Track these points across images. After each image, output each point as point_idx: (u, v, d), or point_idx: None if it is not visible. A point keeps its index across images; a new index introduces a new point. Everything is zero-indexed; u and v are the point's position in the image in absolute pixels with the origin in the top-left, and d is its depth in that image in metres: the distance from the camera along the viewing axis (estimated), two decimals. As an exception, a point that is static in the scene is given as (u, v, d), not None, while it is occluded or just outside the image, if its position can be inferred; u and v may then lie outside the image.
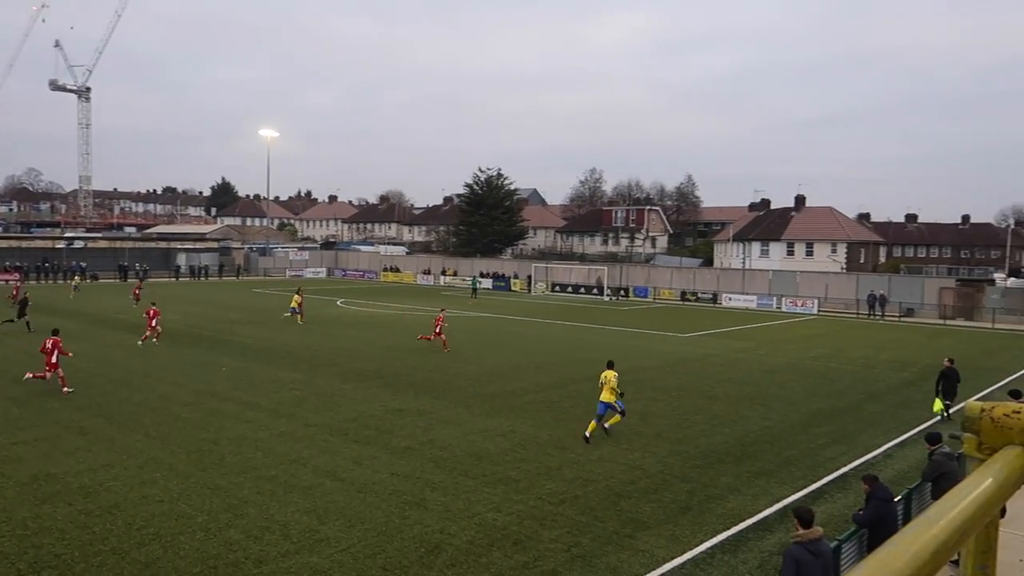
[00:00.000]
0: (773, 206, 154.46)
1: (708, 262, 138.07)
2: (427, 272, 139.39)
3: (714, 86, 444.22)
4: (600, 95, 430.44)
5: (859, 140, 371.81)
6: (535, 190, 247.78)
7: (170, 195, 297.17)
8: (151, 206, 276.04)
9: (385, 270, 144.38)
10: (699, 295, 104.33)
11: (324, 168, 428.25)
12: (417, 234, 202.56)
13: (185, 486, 22.52)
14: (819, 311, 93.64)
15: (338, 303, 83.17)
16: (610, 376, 29.27)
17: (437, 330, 51.19)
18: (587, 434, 28.15)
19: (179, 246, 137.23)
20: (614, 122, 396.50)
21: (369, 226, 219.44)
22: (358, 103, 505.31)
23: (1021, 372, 48.39)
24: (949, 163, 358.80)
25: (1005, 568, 18.33)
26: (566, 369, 44.06)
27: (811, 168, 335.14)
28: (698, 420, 32.88)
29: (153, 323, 50.79)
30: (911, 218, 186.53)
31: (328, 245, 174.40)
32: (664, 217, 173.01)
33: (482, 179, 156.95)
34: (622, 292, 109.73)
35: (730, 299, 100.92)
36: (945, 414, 34.20)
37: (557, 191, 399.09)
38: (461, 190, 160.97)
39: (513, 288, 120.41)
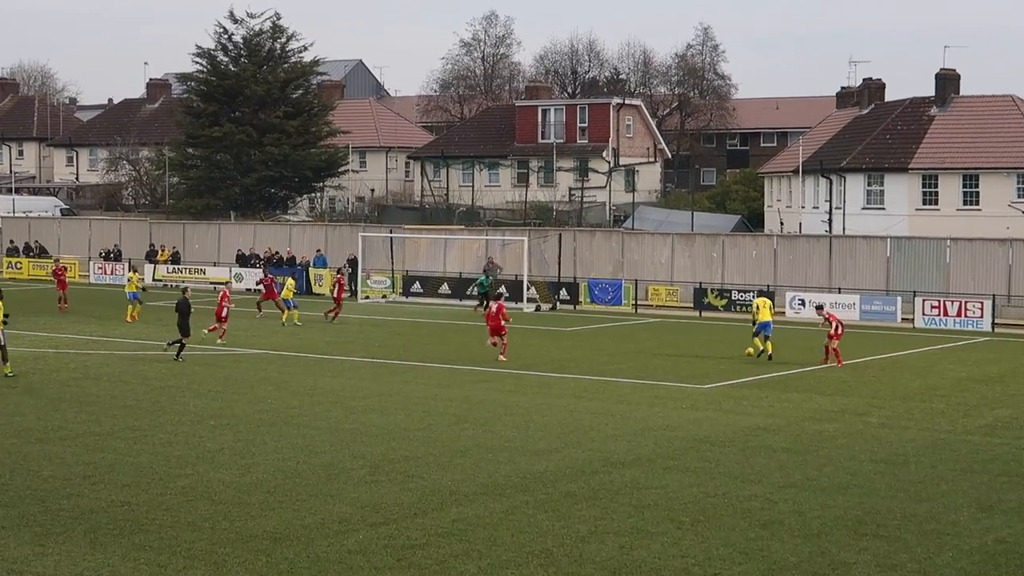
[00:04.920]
0: (890, 97, 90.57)
1: (750, 223, 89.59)
2: (111, 256, 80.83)
3: None
4: None
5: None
6: (361, 64, 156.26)
7: None
8: None
9: (11, 253, 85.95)
10: (733, 295, 63.35)
11: None
12: (87, 168, 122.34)
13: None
14: (994, 326, 56.99)
15: None
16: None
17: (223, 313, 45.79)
18: None
19: None
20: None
21: None
22: None
23: None
24: None
25: None
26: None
27: (970, 17, 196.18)
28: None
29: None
30: None
31: None
32: (653, 124, 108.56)
33: (237, 37, 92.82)
34: (563, 293, 66.62)
35: (800, 302, 60.80)
36: None
37: (411, 71, 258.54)
38: (187, 66, 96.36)
39: (318, 289, 70.69)
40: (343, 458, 25.40)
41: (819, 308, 45.80)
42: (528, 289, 65.04)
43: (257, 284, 63.93)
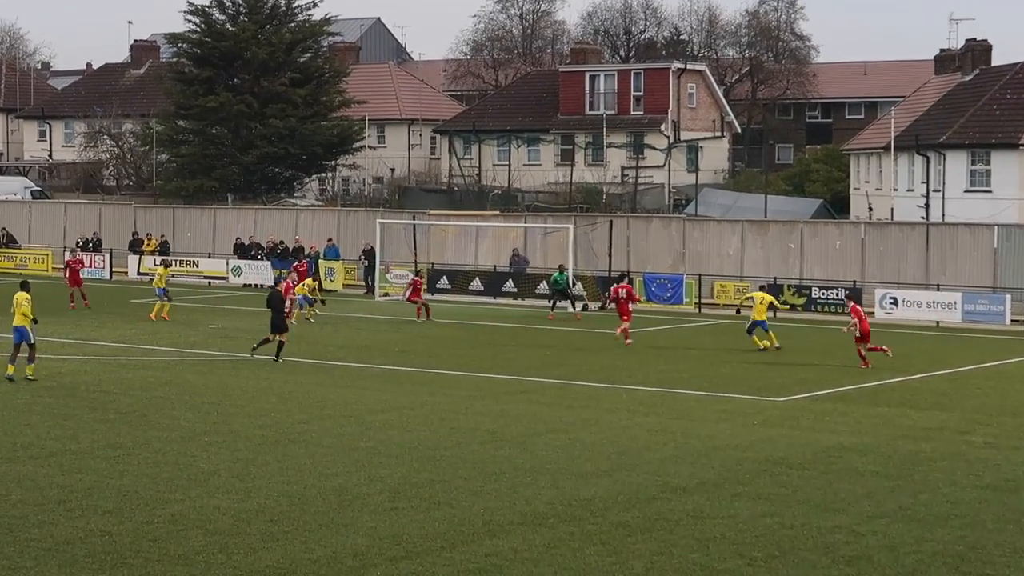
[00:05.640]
0: (997, 60, 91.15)
1: (832, 208, 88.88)
2: (90, 245, 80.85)
3: None
4: None
5: None
6: (379, 23, 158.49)
7: None
8: None
9: None
10: (813, 292, 63.25)
11: None
12: (62, 143, 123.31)
13: None
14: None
15: None
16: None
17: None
18: None
19: None
20: None
21: None
22: None
23: None
24: None
25: None
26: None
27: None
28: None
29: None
30: None
31: None
32: (719, 93, 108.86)
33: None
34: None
35: (891, 300, 61.50)
36: None
37: (438, 31, 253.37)
38: (177, 26, 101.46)
39: (328, 285, 69.97)
40: (358, 482, 25.48)
41: (848, 296, 47.39)
42: (574, 285, 64.79)
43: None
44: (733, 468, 27.34)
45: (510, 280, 67.95)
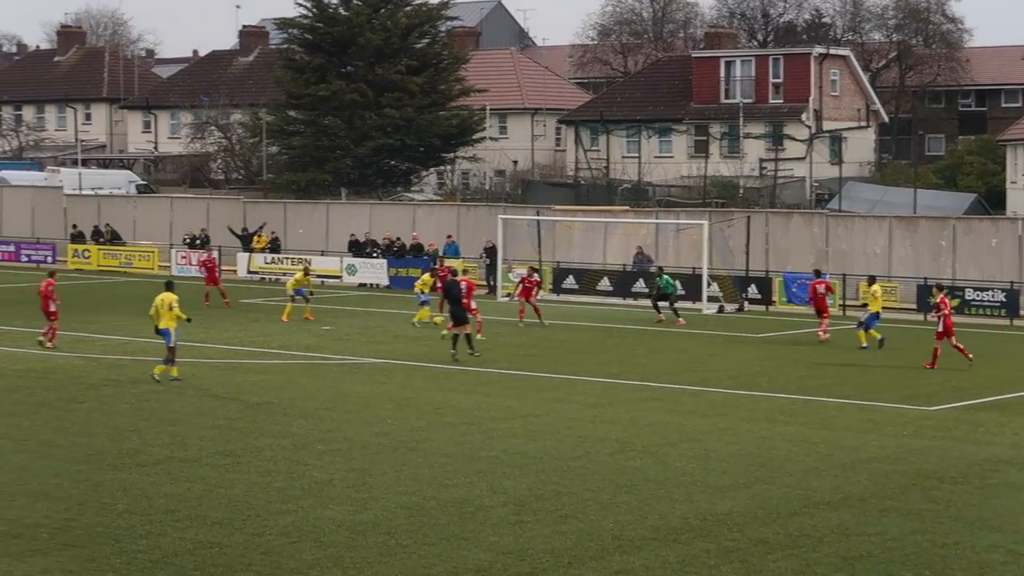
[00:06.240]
0: None
1: (987, 203, 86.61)
2: (197, 242, 79.61)
3: None
4: None
5: None
6: (500, 6, 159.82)
7: None
8: None
9: (76, 238, 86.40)
10: (967, 293, 61.53)
11: None
12: (168, 135, 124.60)
13: None
14: None
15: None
16: None
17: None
18: None
19: None
20: None
21: (32, 111, 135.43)
22: None
23: None
24: None
25: None
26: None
27: None
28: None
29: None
30: None
31: None
32: (865, 80, 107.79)
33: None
34: (752, 290, 66.91)
35: None
36: None
37: (563, 15, 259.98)
38: (288, 10, 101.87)
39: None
40: (480, 493, 25.63)
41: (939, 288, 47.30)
42: (708, 286, 64.63)
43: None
44: (880, 482, 27.17)
45: (640, 280, 67.66)
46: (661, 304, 58.26)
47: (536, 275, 59.41)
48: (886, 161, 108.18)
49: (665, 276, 59.91)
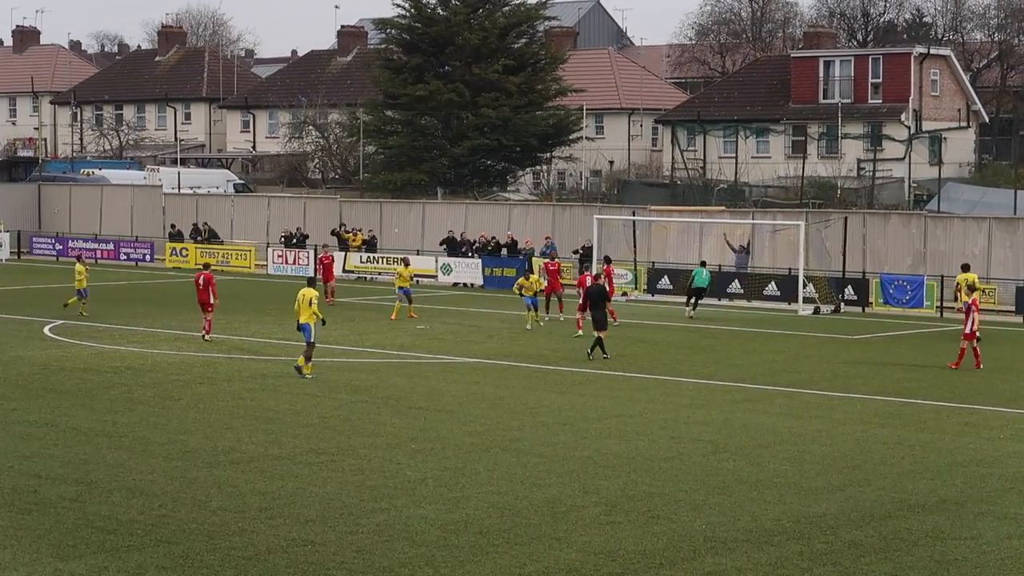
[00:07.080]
0: None
1: None
2: (294, 241, 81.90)
3: None
4: None
5: None
6: (598, 6, 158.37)
7: None
8: None
9: (175, 237, 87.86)
10: None
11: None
12: (266, 134, 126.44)
13: None
14: None
15: (46, 331, 52.93)
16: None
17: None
18: None
19: None
20: None
21: (132, 111, 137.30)
22: None
23: None
24: None
25: None
26: None
27: None
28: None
29: None
30: None
31: (8, 166, 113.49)
32: (966, 79, 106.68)
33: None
34: (848, 291, 66.39)
35: None
36: None
37: (661, 14, 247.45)
38: (386, 10, 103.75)
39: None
40: (572, 493, 25.63)
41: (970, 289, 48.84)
42: (805, 287, 64.38)
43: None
44: (977, 485, 26.94)
45: (736, 280, 67.43)
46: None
47: (557, 259, 59.93)
48: (986, 162, 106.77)
49: (703, 269, 60.28)
